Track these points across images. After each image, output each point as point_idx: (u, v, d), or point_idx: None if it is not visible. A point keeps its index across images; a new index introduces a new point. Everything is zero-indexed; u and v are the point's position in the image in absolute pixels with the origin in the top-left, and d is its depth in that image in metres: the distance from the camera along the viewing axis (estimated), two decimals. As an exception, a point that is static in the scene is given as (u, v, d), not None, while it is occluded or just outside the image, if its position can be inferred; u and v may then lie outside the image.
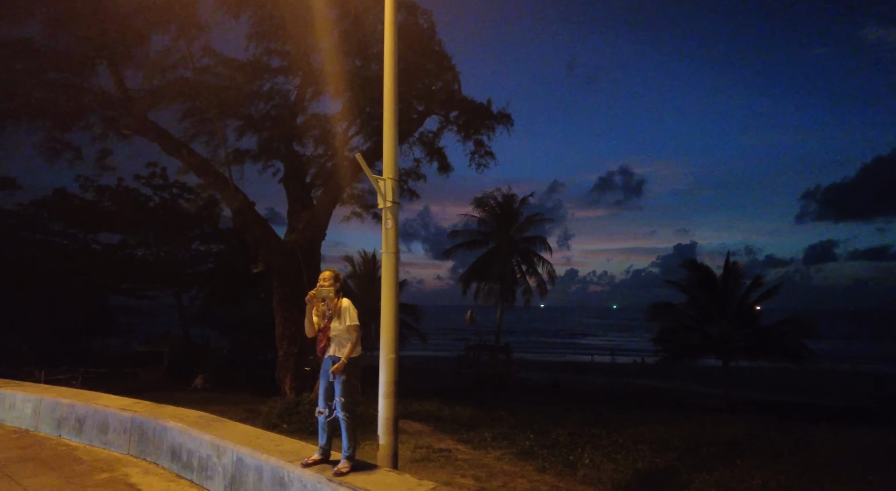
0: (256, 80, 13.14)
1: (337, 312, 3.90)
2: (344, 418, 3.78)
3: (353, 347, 3.83)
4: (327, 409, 3.84)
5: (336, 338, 3.88)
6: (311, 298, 3.88)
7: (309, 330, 3.99)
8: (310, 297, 3.88)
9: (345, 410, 3.77)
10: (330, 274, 3.96)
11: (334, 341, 3.89)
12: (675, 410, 18.09)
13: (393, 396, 4.14)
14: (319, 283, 3.91)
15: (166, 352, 24.57)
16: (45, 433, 5.93)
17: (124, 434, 5.17)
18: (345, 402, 3.76)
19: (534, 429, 10.88)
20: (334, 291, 3.89)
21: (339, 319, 3.88)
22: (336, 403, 3.79)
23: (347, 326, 3.85)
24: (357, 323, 3.88)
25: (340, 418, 3.79)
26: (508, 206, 26.88)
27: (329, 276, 3.94)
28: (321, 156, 15.25)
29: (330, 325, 3.90)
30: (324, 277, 3.94)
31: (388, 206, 4.23)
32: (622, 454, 8.70)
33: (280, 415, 10.27)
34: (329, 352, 3.89)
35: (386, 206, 4.23)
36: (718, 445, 9.48)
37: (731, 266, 20.95)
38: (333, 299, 3.90)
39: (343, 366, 3.76)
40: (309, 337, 4.04)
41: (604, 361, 52.88)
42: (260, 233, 11.13)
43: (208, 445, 4.24)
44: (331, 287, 3.87)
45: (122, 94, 12.07)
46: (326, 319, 3.93)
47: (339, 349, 3.84)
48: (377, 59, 13.77)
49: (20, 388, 6.59)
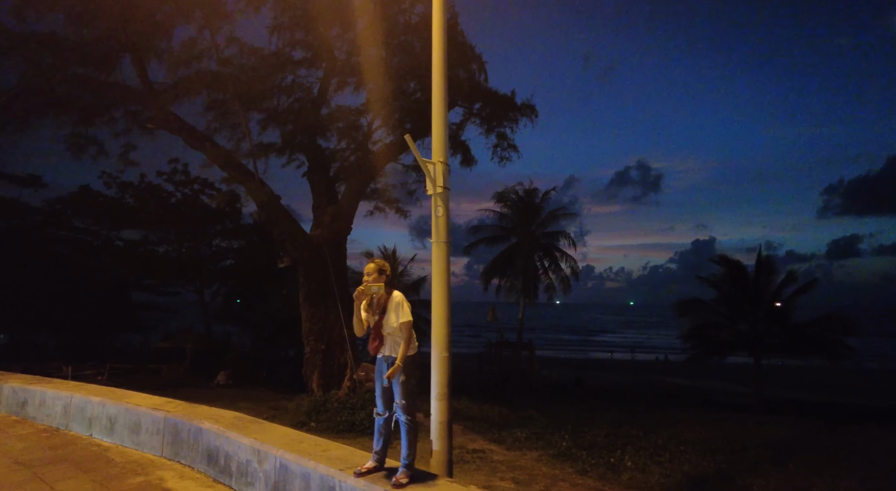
0: (280, 72, 12.92)
1: (388, 307, 3.57)
2: (405, 422, 3.46)
3: (407, 344, 3.50)
4: (387, 411, 3.53)
5: (390, 336, 3.56)
6: (359, 294, 3.54)
7: (358, 329, 3.66)
8: (357, 293, 3.54)
9: (405, 413, 3.45)
10: (374, 266, 3.60)
11: (388, 340, 3.57)
12: (706, 408, 17.55)
13: (446, 397, 3.83)
14: (364, 277, 3.60)
15: (189, 348, 24.64)
16: (76, 432, 5.74)
17: (157, 435, 4.94)
18: (405, 404, 3.44)
19: (567, 429, 10.50)
20: (383, 285, 3.58)
21: (391, 314, 3.55)
22: (396, 406, 3.47)
23: (400, 323, 3.52)
24: (410, 318, 3.55)
25: (401, 422, 3.47)
26: (530, 201, 26.40)
27: (373, 268, 3.58)
28: (345, 149, 15.00)
29: (382, 321, 3.57)
30: (367, 270, 3.59)
31: (438, 192, 3.90)
32: (665, 457, 8.29)
33: (308, 413, 10.06)
34: (383, 351, 3.57)
35: (436, 191, 3.90)
36: (764, 447, 9.02)
37: (763, 261, 20.25)
38: (383, 294, 3.59)
39: (399, 368, 3.45)
40: (359, 336, 3.74)
41: (624, 358, 52.19)
42: (286, 227, 10.90)
43: (248, 449, 3.97)
44: (379, 283, 3.55)
45: (146, 88, 11.94)
46: (377, 315, 3.61)
47: (394, 348, 3.52)
48: (402, 50, 13.46)
49: (50, 385, 6.43)
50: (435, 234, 3.94)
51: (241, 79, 10.98)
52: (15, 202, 25.12)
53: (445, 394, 3.82)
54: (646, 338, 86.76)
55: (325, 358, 10.76)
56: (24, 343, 26.33)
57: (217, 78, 11.27)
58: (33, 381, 6.84)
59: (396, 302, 3.56)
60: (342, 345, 10.77)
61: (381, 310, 3.58)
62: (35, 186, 26.01)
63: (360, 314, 3.63)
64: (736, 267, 20.75)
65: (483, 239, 27.25)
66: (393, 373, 3.43)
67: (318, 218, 12.13)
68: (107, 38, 11.83)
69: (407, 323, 3.52)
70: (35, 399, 6.30)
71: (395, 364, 3.43)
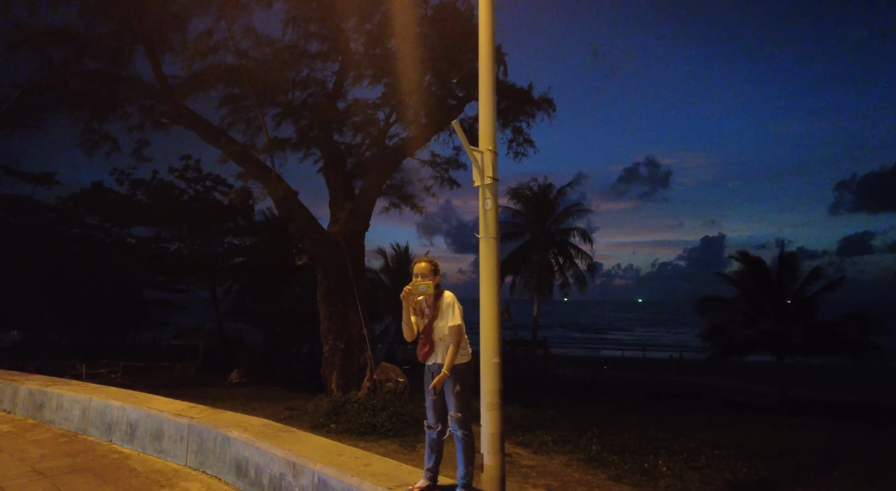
0: (295, 66, 12.64)
1: (439, 309, 3.27)
2: (461, 438, 3.16)
3: (456, 350, 3.19)
4: (440, 425, 3.23)
5: (441, 341, 3.26)
6: (407, 294, 3.25)
7: (407, 333, 3.37)
8: (405, 293, 3.25)
9: (461, 427, 3.15)
10: (426, 265, 3.31)
11: (439, 346, 3.26)
12: (730, 409, 17.14)
13: (498, 407, 3.50)
14: (414, 276, 3.29)
15: (201, 346, 24.54)
16: (95, 438, 5.49)
17: (181, 443, 4.67)
18: (460, 417, 3.14)
19: (594, 431, 10.17)
20: (433, 285, 3.27)
21: (443, 317, 3.24)
22: (450, 419, 3.17)
23: (449, 327, 3.21)
24: (459, 322, 3.23)
25: (456, 438, 3.17)
26: (545, 197, 26.04)
27: (425, 267, 3.30)
28: (361, 144, 14.72)
29: (433, 325, 3.26)
30: (419, 269, 3.30)
31: (486, 184, 3.57)
32: (702, 462, 7.94)
33: (327, 414, 9.79)
34: (434, 358, 3.27)
35: (484, 183, 3.58)
36: (804, 452, 8.64)
37: (786, 258, 19.76)
38: (432, 293, 3.27)
39: (445, 377, 3.15)
40: (408, 341, 3.43)
41: (635, 357, 51.70)
42: (303, 223, 10.64)
43: (282, 461, 3.68)
44: (429, 281, 3.24)
45: (160, 82, 11.71)
46: (427, 318, 3.30)
47: (446, 355, 3.22)
48: (420, 43, 13.13)
49: (68, 387, 6.19)
50: (483, 229, 3.62)
51: (257, 72, 10.70)
52: (28, 200, 25.11)
53: (497, 403, 3.50)
54: (656, 335, 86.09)
55: (343, 357, 10.49)
56: (37, 340, 26.36)
57: (233, 71, 11.01)
58: (50, 382, 6.61)
59: (448, 303, 3.26)
60: (361, 344, 10.49)
61: (432, 312, 3.28)
62: (48, 184, 26.00)
63: (409, 317, 3.33)
64: (757, 264, 20.27)
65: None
66: (439, 382, 3.13)
67: (336, 214, 11.85)
68: (120, 31, 11.61)
69: (457, 327, 3.22)
70: (52, 402, 6.07)
71: (442, 372, 3.14)
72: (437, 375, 3.16)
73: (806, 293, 19.01)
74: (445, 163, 15.96)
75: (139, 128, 13.27)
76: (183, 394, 14.28)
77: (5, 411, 6.67)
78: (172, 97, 11.64)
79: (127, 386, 15.86)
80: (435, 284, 3.28)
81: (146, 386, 16.04)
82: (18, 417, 6.42)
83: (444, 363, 3.16)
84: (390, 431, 9.20)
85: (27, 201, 24.92)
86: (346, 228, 11.25)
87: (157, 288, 29.01)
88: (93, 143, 13.29)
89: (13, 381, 6.78)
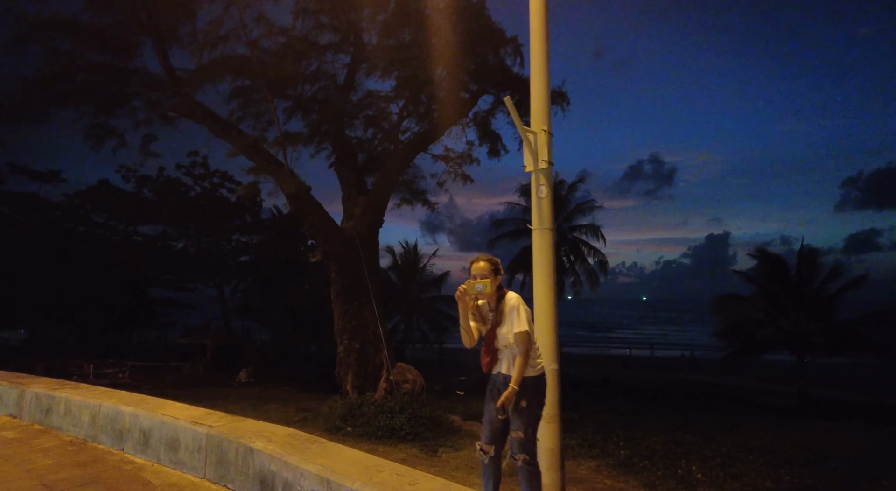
0: (305, 58, 12.29)
1: (501, 313, 2.87)
2: (522, 466, 2.74)
3: (525, 361, 2.77)
4: (494, 446, 2.84)
5: (507, 349, 2.86)
6: (462, 295, 2.86)
7: (466, 339, 2.96)
8: (460, 293, 2.86)
9: (522, 450, 2.74)
10: (485, 265, 2.90)
11: (504, 354, 2.86)
12: (751, 410, 16.71)
13: (557, 419, 3.15)
14: (471, 277, 2.90)
15: (209, 344, 24.29)
16: (105, 446, 5.16)
17: (199, 453, 4.32)
18: (523, 439, 2.72)
19: (619, 434, 9.79)
20: (493, 285, 2.88)
21: (507, 322, 2.85)
22: (511, 440, 2.78)
23: (515, 334, 2.81)
24: (526, 328, 2.81)
25: (518, 466, 2.76)
26: (556, 194, 25.60)
27: (484, 267, 2.89)
28: (373, 139, 14.38)
29: (496, 332, 2.87)
30: (477, 269, 2.89)
31: (541, 168, 3.20)
32: (739, 468, 7.55)
33: (343, 417, 9.45)
34: (500, 368, 2.87)
35: (538, 167, 3.21)
36: (844, 459, 8.24)
37: (805, 254, 19.29)
38: (493, 296, 2.89)
39: (514, 393, 2.74)
40: (468, 347, 3.03)
41: (642, 355, 51.22)
42: (317, 220, 10.29)
43: (314, 477, 3.32)
44: (487, 280, 2.85)
45: (168, 74, 11.38)
46: (489, 323, 2.91)
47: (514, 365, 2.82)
48: (436, 34, 12.76)
49: (76, 391, 5.86)
50: (537, 219, 3.25)
51: (268, 62, 10.35)
52: (34, 198, 24.90)
53: (556, 415, 3.14)
54: (663, 334, 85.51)
55: (359, 358, 10.15)
56: (43, 339, 26.18)
57: (243, 62, 10.67)
58: (57, 386, 6.29)
59: (511, 306, 2.85)
60: (377, 344, 10.15)
61: (494, 317, 2.89)
62: (54, 182, 25.80)
63: (466, 322, 2.92)
64: (776, 261, 19.82)
65: (506, 233, 26.53)
66: (507, 399, 2.71)
67: (349, 210, 11.51)
68: (127, 21, 11.29)
69: (523, 333, 2.79)
70: (60, 407, 5.74)
71: (509, 388, 2.72)
72: (505, 392, 2.75)
73: (827, 291, 18.55)
74: (459, 158, 15.61)
75: (146, 122, 12.95)
76: (193, 395, 14.03)
77: (11, 416, 6.36)
78: (181, 90, 11.31)
79: (135, 386, 15.62)
80: (496, 285, 2.90)
81: (155, 386, 15.78)
82: (25, 423, 6.10)
83: (513, 377, 2.75)
84: (409, 435, 8.86)
85: (34, 199, 24.72)
86: (360, 224, 10.91)
87: (163, 286, 28.79)
88: (99, 139, 13.00)
89: (20, 383, 6.46)
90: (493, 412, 2.82)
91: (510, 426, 2.79)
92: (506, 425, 2.83)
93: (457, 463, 7.49)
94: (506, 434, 2.82)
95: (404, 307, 25.98)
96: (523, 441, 2.74)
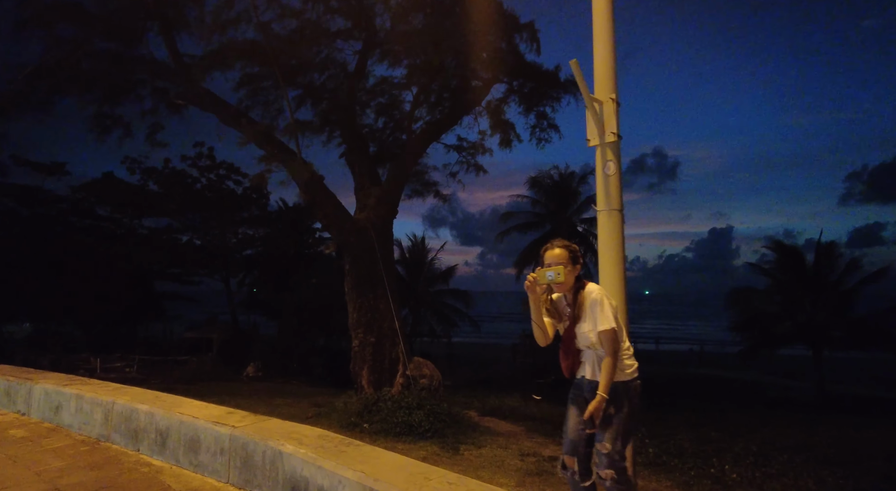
0: (317, 44, 11.93)
1: (580, 308, 2.46)
2: (611, 485, 2.36)
3: (613, 364, 2.37)
4: (577, 460, 2.45)
5: (590, 351, 2.47)
6: (532, 285, 2.45)
7: (539, 337, 2.58)
8: (529, 284, 2.45)
9: (610, 466, 2.36)
10: (562, 252, 2.49)
11: (589, 357, 2.48)
12: (770, 406, 16.40)
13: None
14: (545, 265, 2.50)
15: (215, 338, 24.07)
16: (120, 446, 4.87)
17: (221, 456, 4.02)
18: (611, 452, 2.35)
19: (642, 430, 9.49)
20: (569, 274, 2.45)
21: (588, 318, 2.45)
22: (597, 452, 2.39)
23: (599, 333, 2.41)
24: (612, 324, 2.40)
25: (606, 485, 2.38)
26: (566, 186, 25.22)
27: (561, 254, 2.48)
28: (384, 128, 14.03)
29: (575, 330, 2.47)
30: (552, 256, 2.50)
31: (608, 141, 2.85)
32: (775, 468, 7.25)
33: (359, 413, 9.16)
34: (583, 372, 2.49)
35: (605, 141, 2.86)
36: (886, 457, 7.92)
37: (823, 248, 18.91)
38: (563, 282, 2.47)
39: (603, 402, 2.35)
40: (542, 346, 2.63)
41: (647, 349, 50.92)
42: (331, 210, 9.98)
43: (354, 485, 3.01)
44: (560, 267, 2.42)
45: (176, 61, 11.04)
46: (567, 318, 2.51)
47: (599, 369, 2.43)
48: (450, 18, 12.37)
49: (87, 387, 5.57)
50: (604, 200, 2.91)
51: (281, 48, 10.00)
52: (38, 190, 24.62)
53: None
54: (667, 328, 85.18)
55: (375, 352, 9.86)
56: (49, 332, 25.99)
57: (253, 47, 10.32)
58: (67, 381, 6.00)
59: (593, 300, 2.43)
60: (393, 338, 9.86)
61: (573, 312, 2.48)
62: (58, 174, 25.49)
63: (539, 316, 2.53)
64: (792, 254, 19.45)
65: (515, 226, 26.17)
66: (595, 411, 2.33)
67: (362, 200, 11.19)
68: (133, 6, 10.93)
69: (609, 331, 2.40)
70: (71, 404, 5.45)
71: (597, 397, 2.33)
72: (592, 402, 2.35)
73: (846, 284, 18.17)
74: (472, 148, 15.27)
75: (153, 111, 12.65)
76: (202, 389, 13.76)
77: (19, 413, 6.08)
78: (189, 77, 10.98)
79: (143, 380, 15.36)
80: (575, 276, 2.49)
81: (163, 381, 15.55)
82: (34, 420, 5.82)
83: (600, 383, 2.36)
84: (428, 432, 8.57)
85: (38, 192, 24.43)
86: (374, 215, 10.58)
87: (168, 280, 28.55)
88: (105, 129, 12.71)
89: (28, 379, 6.18)
90: (576, 422, 2.46)
91: (595, 437, 2.44)
92: (587, 437, 2.48)
93: (480, 461, 7.20)
94: (589, 446, 2.46)
95: (412, 301, 25.69)
96: (611, 455, 2.36)
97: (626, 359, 2.52)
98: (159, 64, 11.52)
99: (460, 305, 27.43)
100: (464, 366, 24.58)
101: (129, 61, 11.49)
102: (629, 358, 2.56)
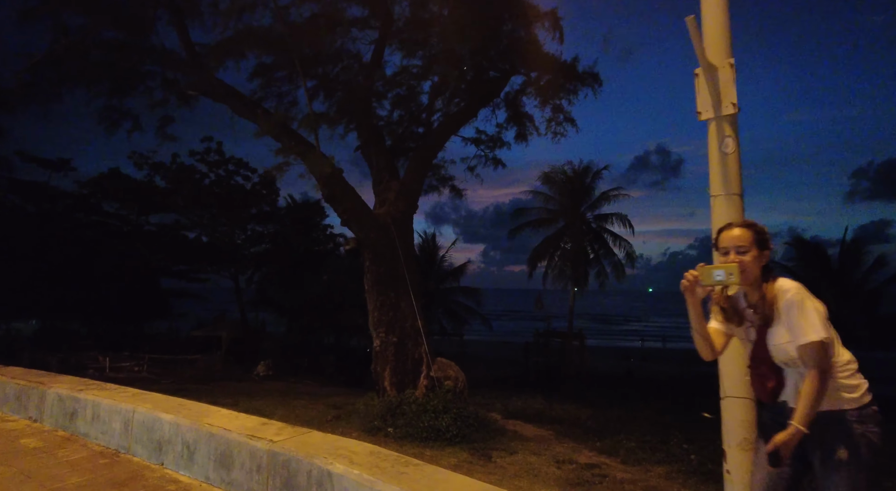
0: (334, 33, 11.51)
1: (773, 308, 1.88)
2: None
3: (819, 385, 1.75)
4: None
5: (792, 368, 1.88)
6: (691, 285, 1.90)
7: (703, 349, 2.02)
8: (687, 283, 1.90)
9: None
10: (745, 232, 1.93)
11: (791, 375, 1.88)
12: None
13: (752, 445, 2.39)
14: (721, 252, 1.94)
15: (224, 337, 23.74)
16: (142, 459, 4.48)
17: (258, 473, 3.62)
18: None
19: (677, 435, 9.07)
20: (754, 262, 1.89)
21: (783, 323, 1.86)
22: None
23: (801, 346, 1.81)
24: (823, 336, 1.78)
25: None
26: (580, 182, 24.76)
27: (743, 235, 1.92)
28: (400, 121, 13.61)
29: (766, 339, 1.90)
30: (731, 238, 1.92)
31: (725, 114, 2.41)
32: (829, 478, 6.82)
33: (382, 416, 8.76)
34: (786, 396, 1.89)
35: (721, 113, 2.42)
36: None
37: (848, 245, 18.42)
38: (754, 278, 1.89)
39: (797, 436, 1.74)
40: (706, 360, 2.08)
41: (654, 347, 50.47)
42: (350, 204, 9.56)
43: (424, 516, 2.59)
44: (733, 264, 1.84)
45: (187, 50, 10.63)
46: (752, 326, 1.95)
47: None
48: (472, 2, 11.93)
49: (104, 393, 5.19)
50: (721, 183, 2.47)
51: (298, 36, 9.59)
52: (44, 187, 24.30)
53: (750, 440, 2.38)
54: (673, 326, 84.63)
55: (397, 352, 9.46)
56: (55, 330, 25.71)
57: (268, 35, 9.91)
58: (82, 386, 5.61)
59: (788, 300, 1.84)
60: (416, 337, 9.46)
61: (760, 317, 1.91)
62: (64, 170, 25.19)
63: (699, 323, 1.97)
64: (815, 251, 18.98)
65: (528, 222, 25.73)
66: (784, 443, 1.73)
67: (382, 195, 10.78)
68: (143, -5, 10.53)
69: (815, 345, 1.77)
70: (87, 412, 5.06)
71: (790, 428, 1.74)
72: (783, 432, 1.75)
73: (872, 282, 17.70)
74: (490, 141, 14.84)
75: (163, 103, 12.24)
76: (214, 389, 13.40)
77: (31, 420, 5.70)
78: (201, 67, 10.57)
79: (154, 381, 15.02)
80: (762, 265, 1.92)
81: (174, 381, 15.21)
82: (47, 428, 5.43)
83: (798, 410, 1.76)
84: (456, 437, 8.16)
85: (44, 188, 24.12)
86: (394, 210, 10.17)
87: (175, 277, 28.23)
88: (113, 122, 12.32)
89: (40, 383, 5.79)
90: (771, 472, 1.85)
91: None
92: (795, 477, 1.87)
93: (515, 470, 6.80)
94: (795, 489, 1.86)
95: (423, 298, 25.30)
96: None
97: (845, 377, 1.86)
98: (170, 53, 11.12)
99: (471, 303, 27.03)
100: (477, 364, 24.22)
101: (139, 51, 11.09)
102: (851, 375, 1.88)
